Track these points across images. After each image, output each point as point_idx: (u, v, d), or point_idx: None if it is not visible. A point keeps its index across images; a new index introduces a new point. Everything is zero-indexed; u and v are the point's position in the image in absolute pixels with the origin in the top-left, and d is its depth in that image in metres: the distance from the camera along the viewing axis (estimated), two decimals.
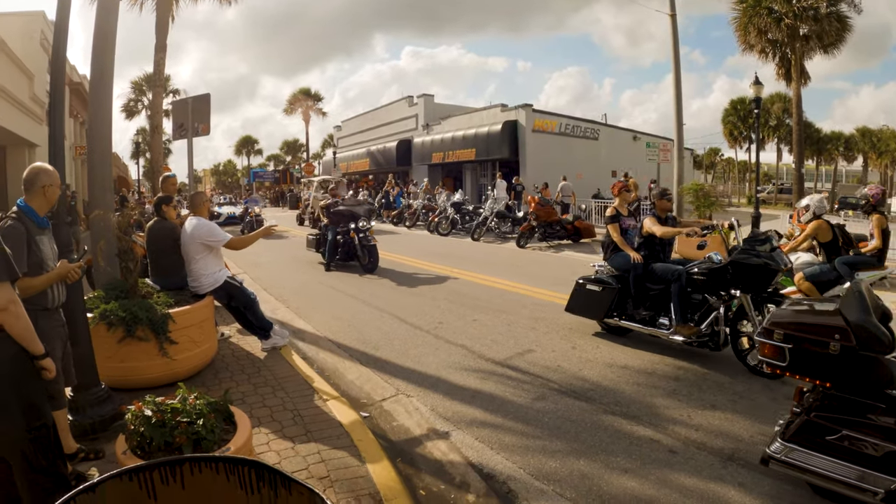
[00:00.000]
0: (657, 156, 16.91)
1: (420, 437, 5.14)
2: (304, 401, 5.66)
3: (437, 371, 6.74)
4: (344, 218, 14.07)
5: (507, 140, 30.52)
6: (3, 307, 2.85)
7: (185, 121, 10.65)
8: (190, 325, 6.15)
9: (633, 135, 37.07)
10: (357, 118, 50.85)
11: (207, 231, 6.98)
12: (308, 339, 8.15)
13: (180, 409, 3.25)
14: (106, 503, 1.69)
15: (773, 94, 55.69)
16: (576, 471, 4.48)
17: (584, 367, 6.78)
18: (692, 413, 5.48)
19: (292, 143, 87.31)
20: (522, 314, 8.98)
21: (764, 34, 25.22)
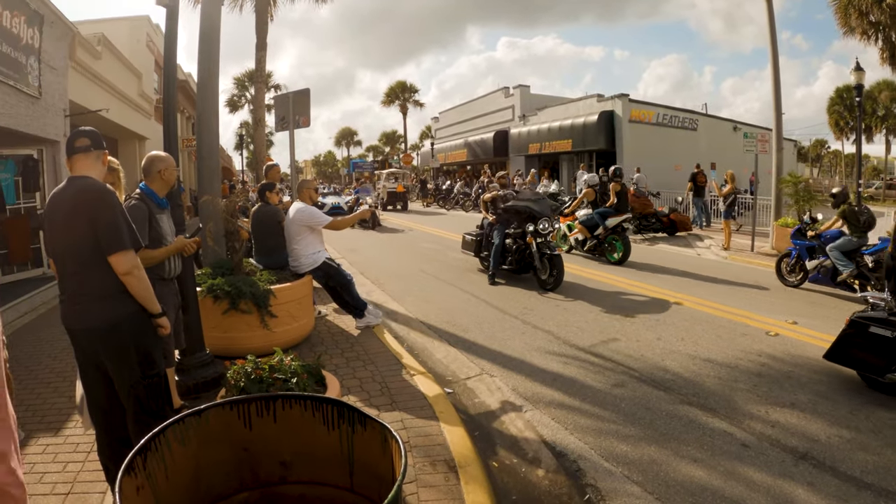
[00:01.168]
0: (755, 147, 16.30)
1: (499, 414, 5.34)
2: (393, 375, 5.97)
3: (521, 354, 6.92)
4: (519, 217, 11.06)
5: (603, 131, 30.12)
6: (128, 271, 3.23)
7: (286, 114, 11.11)
8: (289, 300, 6.58)
9: (734, 125, 35.81)
10: (454, 109, 51.02)
11: (309, 215, 7.40)
12: (400, 319, 8.48)
13: (277, 367, 3.59)
14: (210, 426, 2.00)
15: (880, 82, 51.40)
16: (646, 456, 4.56)
17: (667, 357, 6.81)
18: (770, 409, 5.44)
19: (391, 135, 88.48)
20: (609, 304, 9.05)
21: (865, 16, 23.94)
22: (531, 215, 10.80)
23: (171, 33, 5.67)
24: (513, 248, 11.19)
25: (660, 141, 31.06)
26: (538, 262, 10.56)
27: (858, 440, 4.88)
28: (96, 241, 3.16)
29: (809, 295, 9.88)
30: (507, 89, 41.42)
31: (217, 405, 2.02)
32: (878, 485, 4.21)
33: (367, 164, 66.69)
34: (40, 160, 12.33)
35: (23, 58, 10.76)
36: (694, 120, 34.31)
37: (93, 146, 3.37)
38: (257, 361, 3.63)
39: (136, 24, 24.47)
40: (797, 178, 16.76)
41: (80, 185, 3.24)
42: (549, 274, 10.40)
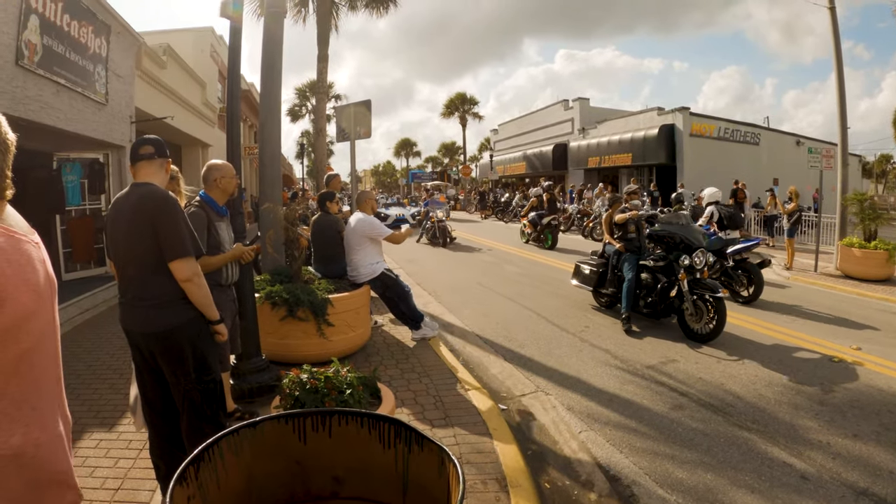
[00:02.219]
0: (819, 163, 15.84)
1: (553, 434, 5.26)
2: (447, 388, 5.94)
3: (577, 372, 6.84)
4: (664, 246, 9.06)
5: (663, 145, 29.85)
6: (188, 278, 3.27)
7: (347, 125, 11.23)
8: (347, 310, 6.62)
9: (797, 139, 35.09)
10: (513, 122, 51.10)
11: (370, 225, 7.47)
12: (456, 332, 8.45)
13: (332, 378, 3.58)
14: (264, 439, 1.98)
15: None
16: (701, 483, 4.45)
17: (727, 380, 6.64)
18: (832, 440, 5.24)
19: (449, 146, 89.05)
20: (670, 325, 8.88)
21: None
22: (684, 245, 8.61)
23: (235, 46, 5.83)
24: (650, 284, 8.99)
25: (721, 155, 30.57)
26: (690, 305, 8.30)
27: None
28: (157, 247, 3.21)
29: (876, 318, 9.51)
30: (566, 102, 41.37)
31: (272, 418, 2.01)
32: None
33: (426, 174, 67.18)
34: (106, 164, 12.78)
35: (91, 66, 11.11)
36: (756, 134, 33.71)
37: (156, 154, 3.43)
38: (313, 371, 3.63)
39: (200, 34, 25.27)
40: (862, 196, 16.19)
41: (142, 191, 3.30)
42: (705, 322, 8.15)
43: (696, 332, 8.14)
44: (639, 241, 9.34)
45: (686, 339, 8.26)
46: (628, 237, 9.40)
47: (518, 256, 17.14)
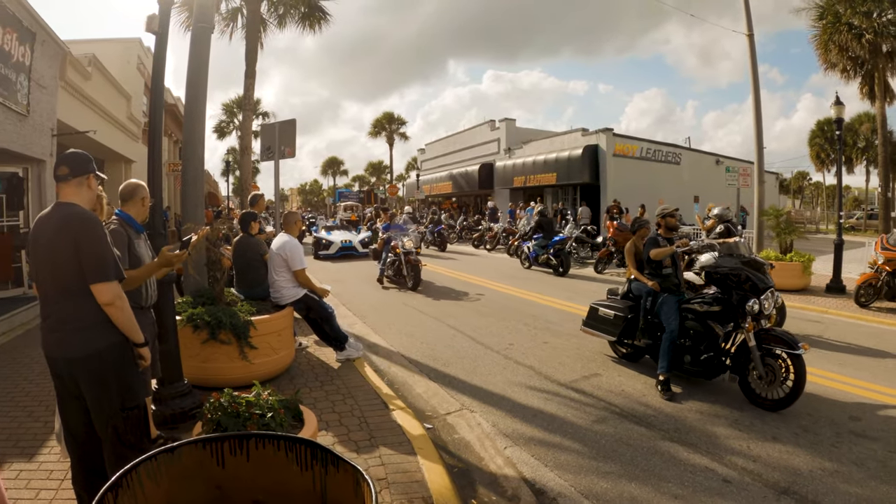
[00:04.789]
0: (736, 181, 16.59)
1: (478, 451, 5.31)
2: (372, 409, 5.92)
3: (502, 390, 6.90)
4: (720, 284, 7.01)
5: (587, 164, 30.43)
6: (111, 301, 3.22)
7: (271, 143, 11.12)
8: (269, 332, 6.55)
9: (716, 158, 36.40)
10: (440, 141, 51.48)
11: (290, 251, 7.44)
12: (381, 353, 8.45)
13: (254, 402, 3.56)
14: (183, 464, 1.98)
15: (860, 114, 52.52)
16: (626, 493, 4.56)
17: (649, 392, 6.84)
18: (752, 444, 5.47)
19: (377, 165, 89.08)
20: (592, 339, 9.03)
21: (845, 52, 24.57)
22: (750, 285, 6.72)
23: (160, 60, 5.74)
24: (699, 334, 7.13)
25: (643, 174, 31.45)
26: (759, 364, 6.42)
27: (841, 472, 4.92)
28: (80, 269, 3.16)
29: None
30: (492, 122, 41.89)
31: (190, 442, 2.01)
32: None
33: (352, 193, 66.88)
34: (25, 178, 12.35)
35: (13, 75, 10.78)
36: (677, 154, 34.81)
37: (71, 174, 3.36)
38: (234, 395, 3.60)
39: (127, 46, 24.66)
40: (778, 211, 16.96)
41: (65, 212, 3.24)
42: (775, 386, 6.34)
43: (765, 399, 6.41)
44: (677, 278, 7.59)
45: (618, 358, 8.13)
46: (664, 273, 7.56)
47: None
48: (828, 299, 13.55)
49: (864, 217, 53.87)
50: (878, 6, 23.59)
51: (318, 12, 20.68)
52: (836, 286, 14.43)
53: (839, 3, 24.42)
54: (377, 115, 66.98)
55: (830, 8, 24.58)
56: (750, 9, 17.57)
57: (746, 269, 6.82)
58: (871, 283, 12.72)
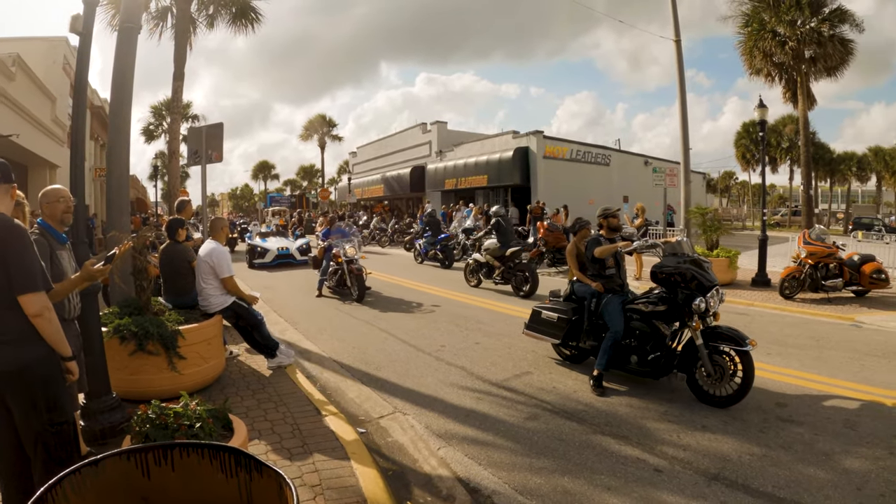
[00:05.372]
0: (663, 181, 17.11)
1: (412, 452, 5.36)
2: (305, 416, 5.89)
3: (434, 391, 6.96)
4: (666, 284, 7.01)
5: (518, 166, 30.81)
6: (39, 313, 3.15)
7: (199, 148, 10.93)
8: (198, 341, 6.46)
9: (645, 160, 37.44)
10: (371, 144, 51.42)
11: (217, 258, 7.33)
12: (313, 359, 8.40)
13: (182, 413, 3.53)
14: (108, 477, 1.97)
15: (784, 116, 55.27)
16: (559, 487, 4.65)
17: (579, 388, 7.00)
18: (681, 433, 5.66)
19: (309, 169, 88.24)
20: (524, 337, 9.17)
21: (769, 58, 25.54)
22: (696, 284, 6.75)
23: (83, 61, 5.57)
24: (645, 334, 7.11)
25: (573, 176, 32.02)
26: (707, 362, 6.47)
27: (770, 456, 5.14)
28: (5, 280, 3.07)
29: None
30: (424, 125, 42.02)
31: (113, 454, 2.00)
32: (791, 499, 4.44)
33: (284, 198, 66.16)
34: None
35: None
36: (606, 155, 35.57)
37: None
38: (161, 407, 3.56)
39: (53, 45, 23.80)
40: (704, 210, 17.61)
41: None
42: (724, 383, 6.41)
43: (714, 396, 6.45)
44: (620, 278, 7.56)
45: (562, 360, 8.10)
46: (607, 273, 7.52)
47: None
48: (754, 292, 14.16)
49: (789, 214, 57.39)
50: (802, 15, 24.57)
51: (249, 13, 20.44)
52: (761, 280, 15.13)
53: (765, 12, 25.41)
54: (309, 118, 66.41)
55: (756, 16, 25.56)
56: (678, 16, 18.27)
57: (693, 267, 6.85)
58: (795, 276, 13.36)
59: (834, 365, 8.01)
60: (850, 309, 12.21)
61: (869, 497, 4.48)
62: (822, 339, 9.52)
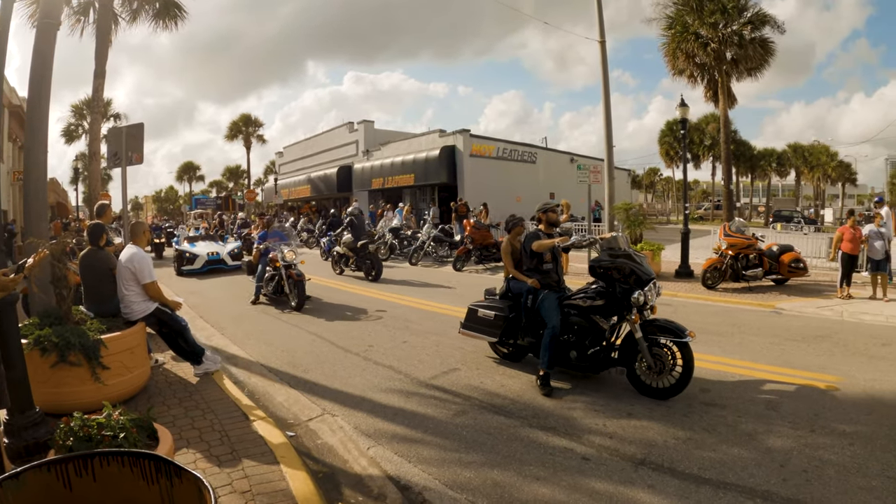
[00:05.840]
0: (587, 177, 17.53)
1: (342, 454, 5.40)
2: (233, 422, 5.86)
3: (363, 391, 7.01)
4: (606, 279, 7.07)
5: (445, 165, 31.03)
6: None
7: (119, 149, 10.64)
8: (122, 350, 6.34)
9: (571, 157, 38.14)
10: (298, 144, 51.04)
11: (138, 263, 7.14)
12: (241, 364, 8.35)
13: (105, 424, 3.52)
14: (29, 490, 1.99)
15: (707, 115, 57.60)
16: (489, 480, 4.76)
17: (506, 383, 7.15)
18: (608, 422, 5.86)
19: (234, 170, 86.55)
20: (451, 335, 9.26)
21: (692, 59, 26.31)
22: (635, 278, 6.81)
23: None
24: (583, 329, 7.10)
25: (500, 174, 32.43)
26: (647, 355, 6.63)
27: (694, 439, 5.39)
28: None
29: None
30: (351, 124, 41.86)
31: (33, 467, 2.01)
32: (717, 479, 4.68)
33: (209, 200, 64.97)
34: None
35: None
36: (533, 153, 36.10)
37: None
38: (84, 419, 3.54)
39: None
40: (628, 205, 18.18)
41: None
42: (664, 375, 6.57)
43: (655, 388, 6.59)
44: (557, 274, 7.59)
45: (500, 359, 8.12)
46: (544, 269, 7.51)
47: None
48: (678, 283, 14.69)
49: (712, 208, 60.41)
50: (724, 17, 25.38)
51: (173, 8, 19.92)
52: (684, 271, 15.75)
53: (688, 15, 26.10)
54: (234, 118, 65.05)
55: (679, 19, 26.24)
56: (603, 18, 18.80)
57: (630, 261, 6.89)
58: (716, 267, 13.98)
59: (755, 350, 8.41)
60: (770, 297, 12.84)
61: (792, 473, 4.76)
62: (744, 326, 9.96)
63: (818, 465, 4.91)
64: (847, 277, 13.10)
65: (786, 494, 4.45)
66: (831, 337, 9.30)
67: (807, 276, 14.73)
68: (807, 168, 71.69)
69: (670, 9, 26.58)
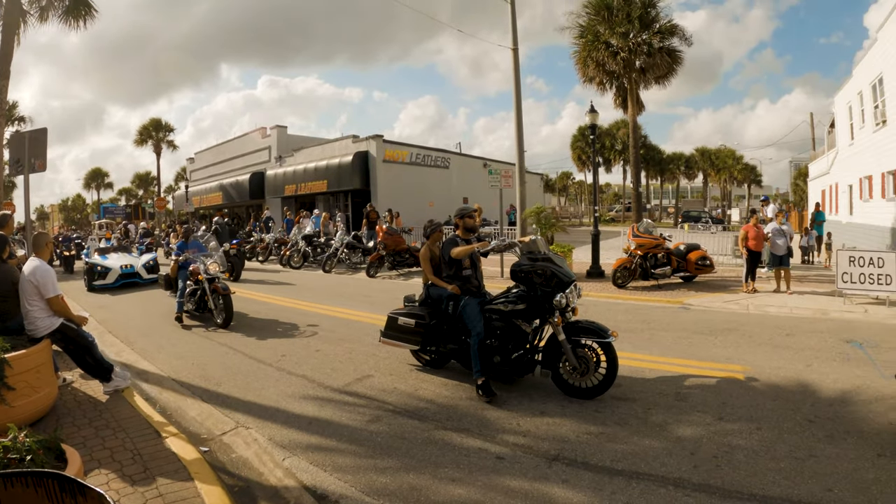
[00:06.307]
0: (499, 182, 17.90)
1: (257, 466, 5.39)
2: (145, 440, 5.77)
3: (276, 402, 7.00)
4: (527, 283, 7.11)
5: (358, 171, 31.07)
6: None
7: (21, 156, 10.28)
8: (27, 369, 6.14)
9: (484, 162, 38.59)
10: (210, 150, 50.03)
11: (42, 276, 6.90)
12: (152, 379, 8.19)
13: (10, 447, 3.47)
14: None
15: (619, 121, 60.30)
16: (405, 484, 4.85)
17: (420, 387, 7.29)
18: (521, 420, 6.05)
19: (144, 177, 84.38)
20: (365, 342, 9.35)
21: (602, 67, 27.06)
22: (556, 281, 6.89)
23: None
24: (505, 333, 7.14)
25: (413, 179, 32.72)
26: (571, 357, 6.72)
27: (606, 433, 5.64)
28: None
29: None
30: (264, 129, 41.51)
31: None
32: (629, 469, 4.91)
33: (118, 208, 63.13)
34: None
35: None
36: (446, 158, 36.50)
37: None
38: None
39: None
40: (540, 209, 18.67)
41: None
42: (589, 375, 6.74)
43: (580, 388, 6.75)
44: (477, 279, 7.60)
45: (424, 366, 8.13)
46: (464, 274, 7.52)
47: None
48: (589, 283, 15.20)
49: (623, 210, 63.14)
50: (634, 27, 26.20)
51: (83, 6, 19.23)
52: (595, 271, 16.33)
53: (600, 24, 26.83)
54: (144, 122, 63.32)
55: (591, 28, 26.96)
56: (516, 26, 19.34)
57: (551, 264, 6.95)
58: (626, 266, 14.55)
59: (665, 345, 8.81)
60: (678, 293, 13.43)
61: (702, 459, 5.06)
62: (653, 323, 10.38)
63: (727, 450, 5.23)
64: (752, 273, 13.86)
65: (697, 480, 4.71)
66: (738, 329, 9.80)
67: (714, 273, 15.51)
68: (714, 171, 75.96)
69: (583, 18, 27.32)
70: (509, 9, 19.11)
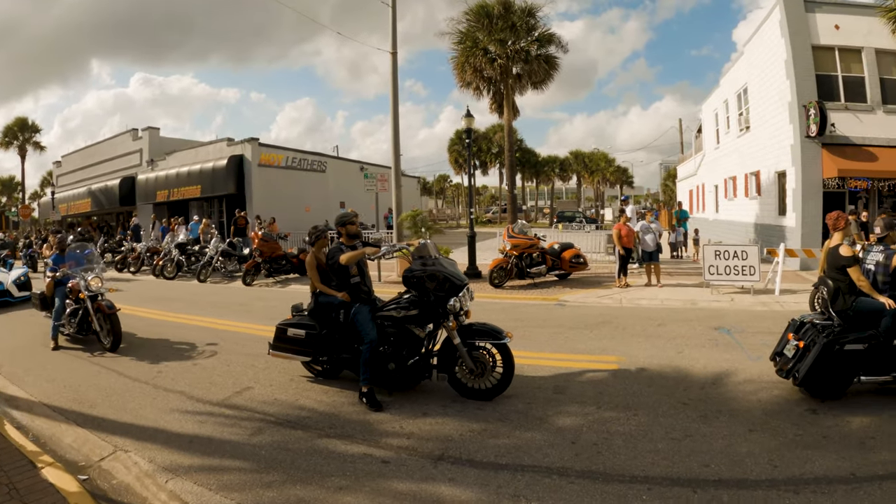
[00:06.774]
0: (375, 186, 18.16)
1: (139, 491, 5.28)
2: (19, 472, 5.57)
3: (155, 421, 6.87)
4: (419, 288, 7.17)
5: (232, 175, 30.50)
6: None
7: None
8: None
9: (361, 166, 38.60)
10: (78, 153, 47.30)
11: None
12: (22, 406, 7.84)
13: None
14: None
15: (495, 125, 62.50)
16: (292, 497, 4.91)
17: (301, 396, 7.36)
18: (404, 423, 6.25)
19: (7, 182, 79.07)
20: (242, 353, 9.34)
21: (479, 72, 27.74)
22: (449, 285, 7.05)
23: None
24: (398, 340, 7.16)
25: (289, 183, 32.53)
26: (467, 359, 6.95)
27: (489, 430, 5.92)
28: None
29: None
30: (135, 131, 39.78)
31: None
32: (514, 463, 5.21)
33: None
34: None
35: None
36: (322, 162, 36.44)
37: None
38: None
39: None
40: (416, 212, 19.12)
41: None
42: (486, 376, 6.99)
43: (478, 390, 6.95)
44: (366, 286, 7.54)
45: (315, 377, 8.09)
46: (352, 282, 7.45)
47: None
48: None
49: (499, 211, 65.85)
50: (513, 35, 26.97)
51: None
52: (472, 272, 16.91)
53: (479, 31, 27.47)
54: (8, 122, 59.34)
55: (470, 34, 27.59)
56: (396, 29, 19.59)
57: (443, 269, 7.08)
58: (502, 267, 15.12)
59: (541, 341, 9.25)
60: (554, 291, 14.11)
61: (583, 447, 5.44)
62: (529, 320, 10.86)
63: (607, 436, 5.65)
64: (623, 269, 14.71)
65: (580, 468, 5.06)
66: (611, 322, 10.40)
67: (588, 270, 16.38)
68: (587, 173, 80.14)
69: (463, 25, 27.98)
70: (390, 12, 19.35)
